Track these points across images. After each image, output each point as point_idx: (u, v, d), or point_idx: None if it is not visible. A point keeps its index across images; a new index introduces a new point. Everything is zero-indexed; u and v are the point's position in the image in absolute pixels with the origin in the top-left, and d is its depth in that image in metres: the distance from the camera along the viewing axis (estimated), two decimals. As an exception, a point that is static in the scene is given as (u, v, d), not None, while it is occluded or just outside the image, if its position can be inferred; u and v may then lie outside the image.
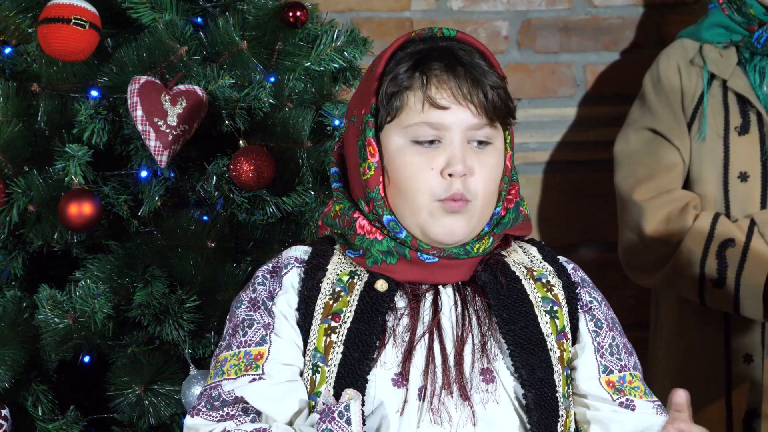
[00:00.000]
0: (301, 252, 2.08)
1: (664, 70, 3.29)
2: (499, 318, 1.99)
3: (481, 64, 2.02)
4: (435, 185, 1.98)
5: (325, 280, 2.04)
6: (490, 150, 2.02)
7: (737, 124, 3.19)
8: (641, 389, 2.05)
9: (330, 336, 1.99)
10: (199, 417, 2.00)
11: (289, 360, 2.01)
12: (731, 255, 3.11)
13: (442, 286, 2.03)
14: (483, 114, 1.99)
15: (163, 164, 2.67)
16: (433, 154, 1.99)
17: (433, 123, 1.98)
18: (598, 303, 2.09)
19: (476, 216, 2.00)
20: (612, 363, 2.05)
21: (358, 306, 2.00)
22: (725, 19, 3.22)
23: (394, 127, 2.01)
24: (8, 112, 2.74)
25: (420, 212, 1.99)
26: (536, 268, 2.08)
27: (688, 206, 3.19)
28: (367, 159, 2.02)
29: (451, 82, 1.99)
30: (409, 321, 1.99)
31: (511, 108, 2.04)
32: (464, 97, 1.98)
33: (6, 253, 2.77)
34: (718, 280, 3.13)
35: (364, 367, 1.96)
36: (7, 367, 2.66)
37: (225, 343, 2.05)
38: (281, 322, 2.02)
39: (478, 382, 1.97)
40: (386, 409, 1.96)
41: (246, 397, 1.97)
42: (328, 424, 1.89)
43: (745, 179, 3.17)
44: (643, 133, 3.30)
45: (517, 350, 1.98)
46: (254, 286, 2.06)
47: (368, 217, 2.03)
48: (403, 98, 1.99)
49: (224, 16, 2.83)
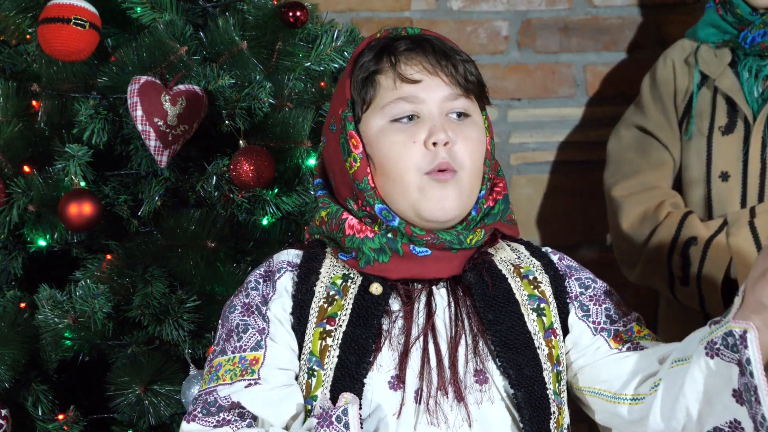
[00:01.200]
0: (293, 256, 2.09)
1: (660, 69, 3.31)
2: (485, 319, 2.00)
3: (448, 44, 2.06)
4: (420, 158, 2.00)
5: (319, 283, 2.05)
6: (470, 123, 2.04)
7: (722, 123, 3.19)
8: (653, 336, 2.06)
9: (326, 339, 1.99)
10: (196, 423, 1.99)
11: (285, 364, 2.01)
12: (693, 253, 3.12)
13: (436, 287, 2.03)
14: (456, 84, 2.02)
15: (163, 164, 2.67)
16: (414, 129, 2.01)
17: (407, 97, 2.01)
18: (585, 287, 2.10)
19: (466, 189, 2.02)
20: (614, 326, 2.06)
21: (353, 310, 2.01)
22: (718, 19, 3.23)
23: (371, 112, 2.04)
24: (8, 112, 2.74)
25: (410, 190, 2.00)
26: (523, 264, 2.09)
27: (663, 204, 3.20)
28: (351, 152, 2.04)
29: (420, 56, 2.02)
30: (404, 323, 2.00)
31: (484, 86, 2.07)
32: (434, 68, 2.02)
33: (6, 253, 2.77)
34: (683, 277, 3.14)
35: (361, 371, 1.96)
36: (7, 367, 2.66)
37: (219, 348, 2.04)
38: (276, 327, 2.02)
39: (472, 382, 1.98)
40: (383, 411, 1.96)
41: (242, 402, 1.97)
42: (326, 428, 1.89)
43: (726, 179, 3.18)
44: (632, 130, 3.32)
45: (504, 351, 1.98)
46: (247, 291, 2.06)
47: (357, 216, 2.04)
48: (375, 82, 2.03)
49: (224, 16, 2.83)
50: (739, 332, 1.84)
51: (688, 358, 1.91)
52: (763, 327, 1.84)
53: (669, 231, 3.17)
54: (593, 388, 2.05)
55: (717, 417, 1.88)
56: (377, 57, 2.05)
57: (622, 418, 2.02)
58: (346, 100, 2.06)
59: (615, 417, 2.03)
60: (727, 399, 1.86)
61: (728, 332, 1.85)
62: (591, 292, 2.09)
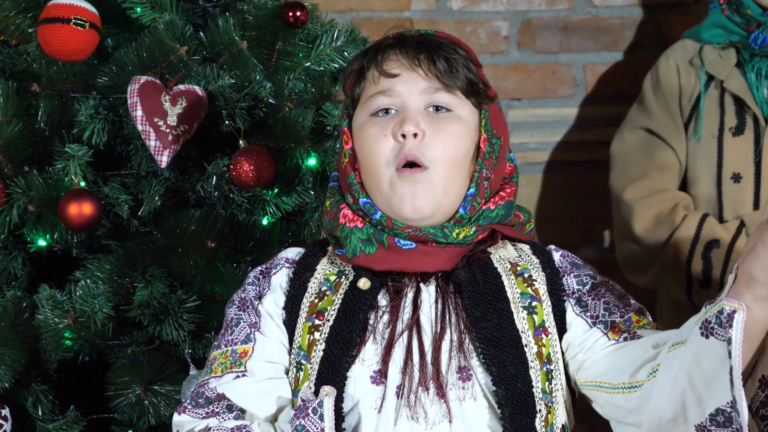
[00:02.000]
0: (294, 253, 2.12)
1: (663, 70, 3.30)
2: (471, 316, 2.00)
3: (439, 41, 2.06)
4: (388, 151, 2.02)
5: (313, 279, 2.07)
6: (450, 117, 2.03)
7: (732, 124, 3.19)
8: (653, 325, 2.04)
9: (313, 334, 2.01)
10: (186, 414, 2.03)
11: (273, 358, 2.03)
12: (716, 256, 3.11)
13: (424, 284, 2.03)
14: (434, 78, 2.02)
15: (163, 164, 2.67)
16: (386, 122, 2.03)
17: (385, 90, 2.03)
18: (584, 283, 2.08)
19: (440, 185, 2.01)
20: (612, 318, 2.04)
21: (341, 304, 2.02)
22: (724, 20, 3.22)
23: (359, 108, 2.07)
24: (8, 112, 2.74)
25: (382, 185, 2.02)
26: (521, 262, 2.08)
27: (677, 206, 3.19)
28: (343, 148, 2.08)
29: (401, 53, 2.04)
30: (389, 318, 2.00)
31: (478, 84, 2.06)
32: (411, 62, 2.03)
33: (6, 253, 2.77)
34: (704, 280, 3.13)
35: (344, 364, 1.97)
36: (7, 367, 2.66)
37: (216, 342, 2.09)
38: (266, 321, 2.05)
39: (455, 379, 1.97)
40: (364, 405, 1.97)
41: (227, 394, 2.00)
42: (302, 420, 1.91)
43: (738, 180, 3.17)
44: (638, 132, 3.31)
45: (488, 347, 1.98)
46: (245, 286, 2.10)
47: (351, 207, 2.06)
48: (362, 79, 2.06)
49: (224, 16, 2.83)
50: (728, 310, 1.82)
51: (685, 341, 1.88)
52: (754, 302, 1.81)
53: (688, 234, 3.15)
54: (594, 381, 2.03)
55: (718, 398, 1.84)
56: (365, 54, 2.08)
57: (622, 408, 1.99)
58: (345, 100, 2.11)
59: (616, 408, 2.01)
60: (726, 378, 1.83)
61: (720, 310, 1.83)
62: (590, 287, 2.08)
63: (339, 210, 2.06)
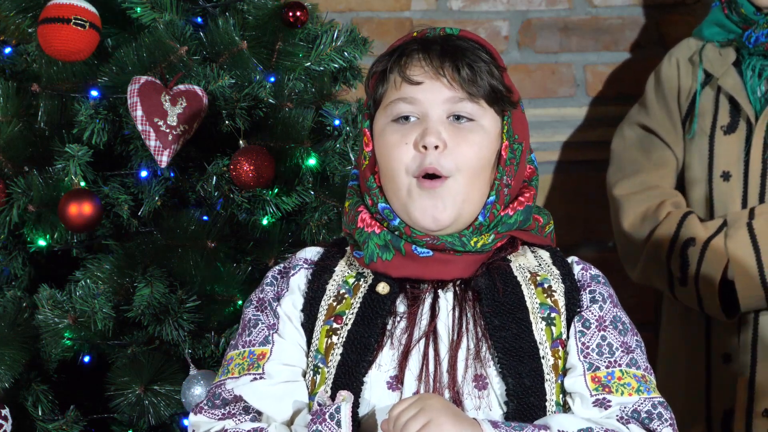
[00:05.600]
0: (313, 253, 2.10)
1: (665, 67, 3.30)
2: (491, 325, 1.98)
3: (463, 46, 2.02)
4: (409, 160, 1.99)
5: (331, 281, 2.05)
6: (473, 127, 2.01)
7: (724, 122, 3.19)
8: (633, 385, 1.98)
9: (331, 337, 1.99)
10: (202, 414, 2.01)
11: (291, 360, 2.01)
12: (692, 254, 3.12)
13: (442, 290, 2.01)
14: (459, 87, 1.99)
15: (163, 164, 2.67)
16: (408, 130, 2.00)
17: (407, 98, 2.00)
18: (598, 303, 2.04)
19: (460, 194, 1.99)
20: (599, 361, 1.99)
21: (360, 309, 2.00)
22: (723, 18, 3.23)
23: (380, 111, 2.04)
24: (8, 112, 2.74)
25: (400, 192, 2.00)
26: (541, 272, 2.05)
27: (664, 203, 3.19)
28: (363, 150, 2.06)
29: (425, 59, 2.00)
30: (407, 324, 1.99)
31: (502, 92, 2.03)
32: (436, 71, 1.99)
33: (6, 253, 2.77)
34: (682, 278, 3.14)
35: (361, 369, 1.96)
36: (7, 367, 2.66)
37: (234, 342, 2.07)
38: (285, 324, 2.03)
39: (471, 388, 1.96)
40: (381, 412, 1.95)
41: (244, 396, 1.98)
42: (318, 425, 1.90)
43: (727, 178, 3.17)
44: (635, 129, 3.32)
45: (506, 357, 1.96)
46: (263, 287, 2.08)
47: (370, 211, 2.04)
48: (385, 81, 2.02)
49: (224, 16, 2.83)
50: None
51: None
52: None
53: (668, 231, 3.16)
54: None
55: None
56: (390, 55, 2.04)
57: None
58: (368, 100, 2.07)
59: None
60: None
61: None
62: (599, 311, 2.03)
63: (357, 213, 2.04)
